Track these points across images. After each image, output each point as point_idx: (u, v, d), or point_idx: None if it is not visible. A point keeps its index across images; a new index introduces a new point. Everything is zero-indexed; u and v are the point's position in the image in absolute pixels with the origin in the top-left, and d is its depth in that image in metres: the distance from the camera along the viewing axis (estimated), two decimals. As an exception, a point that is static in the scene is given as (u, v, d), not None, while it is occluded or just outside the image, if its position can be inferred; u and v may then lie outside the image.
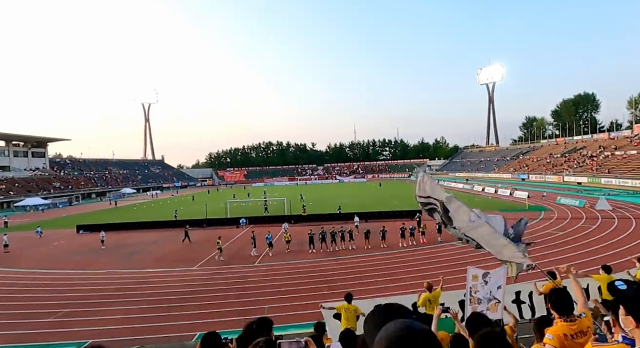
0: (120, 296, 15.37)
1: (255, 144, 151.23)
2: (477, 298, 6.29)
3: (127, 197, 76.01)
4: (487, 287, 6.33)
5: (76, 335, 11.84)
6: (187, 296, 15.07)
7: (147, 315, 13.13)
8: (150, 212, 47.59)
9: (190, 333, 11.31)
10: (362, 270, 17.57)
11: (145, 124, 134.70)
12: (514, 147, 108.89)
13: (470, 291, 6.38)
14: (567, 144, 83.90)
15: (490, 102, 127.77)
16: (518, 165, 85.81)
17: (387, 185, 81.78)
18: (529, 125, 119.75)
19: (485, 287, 6.30)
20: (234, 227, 31.58)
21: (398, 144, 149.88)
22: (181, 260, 21.18)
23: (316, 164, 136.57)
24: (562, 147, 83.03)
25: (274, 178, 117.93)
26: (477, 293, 6.30)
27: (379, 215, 32.10)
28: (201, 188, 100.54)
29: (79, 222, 35.52)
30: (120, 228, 33.33)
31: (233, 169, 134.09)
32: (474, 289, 6.34)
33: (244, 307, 13.35)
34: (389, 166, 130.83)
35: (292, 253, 21.48)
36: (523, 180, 71.56)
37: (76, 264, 21.37)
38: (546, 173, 70.13)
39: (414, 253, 20.44)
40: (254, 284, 16.31)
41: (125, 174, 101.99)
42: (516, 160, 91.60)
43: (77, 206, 64.19)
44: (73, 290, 16.63)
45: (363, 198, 52.04)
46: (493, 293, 6.33)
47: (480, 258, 18.47)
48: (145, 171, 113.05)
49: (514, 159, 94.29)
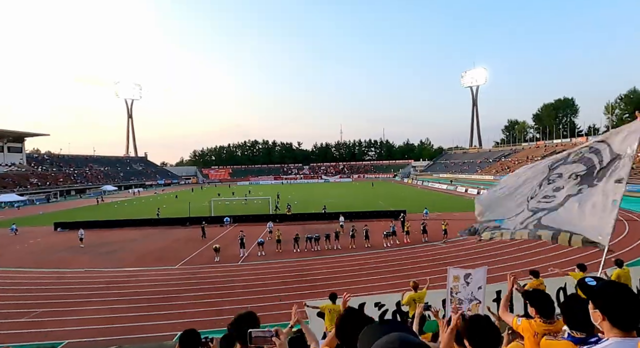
0: (99, 295, 14.97)
1: (240, 142, 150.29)
2: (458, 299, 6.32)
3: (108, 195, 74.35)
4: (468, 287, 6.36)
5: (51, 335, 11.46)
6: (168, 295, 14.78)
7: (126, 315, 12.82)
8: (131, 210, 46.60)
9: (170, 333, 11.08)
10: (347, 270, 17.59)
11: (128, 120, 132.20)
12: (497, 150, 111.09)
13: (451, 292, 6.41)
14: (547, 147, 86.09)
15: (474, 105, 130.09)
16: (500, 167, 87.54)
17: (375, 185, 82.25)
18: (511, 128, 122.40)
19: (467, 288, 6.33)
20: (217, 226, 31.20)
21: (384, 144, 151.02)
22: (163, 259, 20.78)
23: (302, 164, 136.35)
24: (543, 150, 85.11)
25: (259, 177, 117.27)
26: (458, 294, 6.33)
27: (364, 215, 32.21)
28: (185, 187, 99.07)
29: (56, 220, 34.51)
30: (100, 226, 32.51)
31: (218, 167, 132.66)
32: (454, 290, 6.37)
33: (226, 307, 13.17)
34: (374, 166, 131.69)
35: (276, 253, 21.32)
36: (505, 182, 72.93)
37: (53, 263, 20.70)
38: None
39: (398, 252, 20.57)
40: (236, 283, 16.12)
41: (107, 171, 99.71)
42: (498, 162, 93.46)
43: (55, 203, 62.38)
44: (49, 289, 16.10)
45: (349, 198, 52.21)
46: (474, 294, 6.37)
47: (462, 258, 18.77)
48: (127, 168, 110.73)
49: (496, 161, 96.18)
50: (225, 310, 12.75)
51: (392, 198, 51.12)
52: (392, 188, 71.42)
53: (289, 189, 76.67)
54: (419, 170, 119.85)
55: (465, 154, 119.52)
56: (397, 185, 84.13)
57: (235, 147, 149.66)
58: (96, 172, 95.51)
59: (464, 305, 6.29)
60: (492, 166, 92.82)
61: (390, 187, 77.13)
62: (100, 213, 42.72)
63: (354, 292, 12.85)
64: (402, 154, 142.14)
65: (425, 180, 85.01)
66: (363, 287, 14.44)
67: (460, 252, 20.03)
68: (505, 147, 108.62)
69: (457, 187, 62.18)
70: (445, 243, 22.15)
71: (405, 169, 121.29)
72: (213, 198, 45.09)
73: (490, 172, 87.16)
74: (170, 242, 25.81)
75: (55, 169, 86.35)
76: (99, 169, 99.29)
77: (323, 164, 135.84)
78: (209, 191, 75.82)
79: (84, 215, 40.89)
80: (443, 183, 71.45)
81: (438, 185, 69.75)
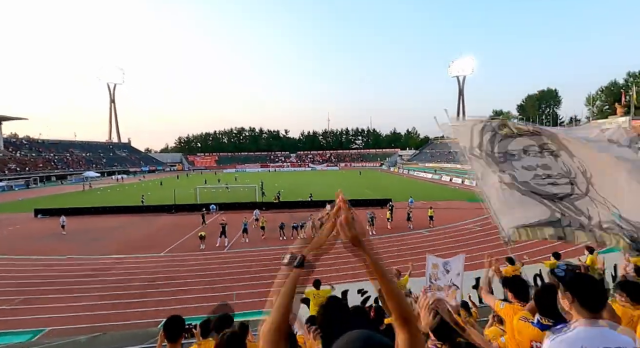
0: (83, 282, 14.83)
1: (227, 129, 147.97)
2: (437, 285, 6.50)
3: (90, 181, 72.79)
4: (448, 275, 6.54)
5: (33, 322, 11.35)
6: (153, 282, 14.75)
7: (110, 302, 12.77)
8: (115, 196, 45.83)
9: (155, 320, 11.11)
10: (331, 257, 17.80)
11: (111, 105, 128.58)
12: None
13: (430, 278, 6.58)
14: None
15: (460, 94, 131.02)
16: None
17: (362, 174, 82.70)
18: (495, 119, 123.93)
19: (446, 275, 6.50)
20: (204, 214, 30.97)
21: (371, 133, 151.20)
22: (148, 247, 20.63)
23: (289, 151, 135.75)
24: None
25: (246, 165, 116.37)
26: (437, 281, 6.51)
27: (351, 203, 32.28)
28: (170, 174, 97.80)
29: (37, 206, 33.73)
30: (82, 213, 31.91)
31: (204, 154, 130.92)
32: (434, 277, 6.54)
33: (212, 294, 13.24)
34: (361, 155, 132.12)
35: (262, 241, 21.41)
36: (488, 171, 74.10)
37: (34, 250, 20.32)
38: (510, 165, 72.96)
39: (383, 240, 20.89)
40: (222, 271, 16.18)
41: (89, 157, 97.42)
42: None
43: (35, 189, 60.84)
44: (30, 276, 15.85)
45: (336, 187, 52.43)
46: (453, 280, 6.55)
47: (446, 246, 19.20)
48: (110, 154, 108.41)
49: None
50: (213, 297, 12.83)
51: (378, 187, 51.60)
52: (379, 177, 71.99)
53: (275, 177, 76.49)
54: (406, 159, 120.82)
55: (451, 144, 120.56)
56: (383, 174, 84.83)
57: (222, 134, 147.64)
58: (78, 158, 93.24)
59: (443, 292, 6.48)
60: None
61: (377, 175, 77.71)
62: (82, 200, 41.88)
63: (338, 280, 13.09)
64: (389, 143, 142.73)
65: (411, 169, 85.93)
66: (346, 275, 14.68)
67: (445, 240, 20.47)
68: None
69: (442, 176, 63.10)
70: (429, 231, 22.60)
71: (392, 158, 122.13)
72: (198, 185, 44.68)
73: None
74: (155, 229, 25.59)
75: (34, 154, 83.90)
76: (81, 154, 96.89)
77: (310, 152, 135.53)
78: (194, 178, 75.04)
79: (65, 201, 40.05)
80: (429, 172, 72.36)
81: (424, 174, 70.63)
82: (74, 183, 69.80)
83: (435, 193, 42.78)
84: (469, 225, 23.84)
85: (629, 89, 73.60)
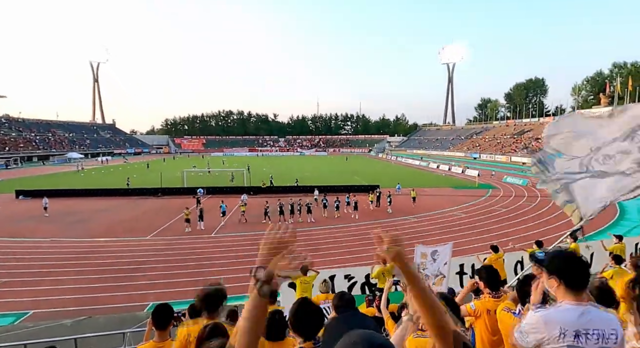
0: (67, 265, 14.66)
1: (214, 112, 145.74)
2: (425, 274, 6.60)
3: (73, 162, 71.21)
4: (435, 264, 6.63)
5: (16, 305, 11.23)
6: (139, 266, 14.68)
7: (96, 285, 12.68)
8: (100, 179, 45.00)
9: (141, 304, 11.11)
10: (318, 242, 17.96)
11: (94, 84, 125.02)
12: (469, 127, 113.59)
13: (419, 268, 6.68)
14: (517, 126, 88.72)
15: (450, 82, 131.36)
16: (471, 145, 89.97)
17: (350, 160, 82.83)
18: (483, 107, 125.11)
19: (434, 264, 6.60)
20: (190, 197, 30.74)
21: (360, 119, 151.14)
22: (133, 230, 20.44)
23: (278, 136, 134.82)
24: (512, 129, 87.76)
25: (233, 149, 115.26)
26: (425, 270, 6.60)
27: (339, 189, 32.54)
28: (156, 156, 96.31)
29: (18, 187, 32.94)
30: (66, 195, 31.30)
31: (191, 137, 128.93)
32: (422, 266, 6.63)
33: (199, 278, 13.25)
34: (350, 141, 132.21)
35: (249, 225, 21.41)
36: (475, 159, 75.31)
37: (16, 232, 19.93)
38: (496, 153, 74.20)
39: (369, 226, 21.09)
40: (209, 255, 16.19)
41: (72, 138, 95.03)
42: (470, 140, 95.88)
43: (15, 169, 59.29)
44: (13, 259, 15.60)
45: (324, 172, 52.50)
46: (440, 269, 6.66)
47: (431, 232, 19.53)
48: (94, 135, 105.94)
49: (468, 138, 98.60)
50: (200, 281, 12.83)
51: (366, 173, 51.84)
52: (367, 163, 72.27)
53: (264, 162, 76.10)
54: (394, 145, 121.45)
55: (438, 131, 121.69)
56: (371, 159, 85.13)
57: (209, 117, 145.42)
58: (60, 138, 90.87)
59: (430, 280, 6.59)
60: (463, 143, 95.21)
61: (365, 161, 77.98)
62: (66, 181, 41.03)
63: (324, 265, 13.23)
64: (377, 129, 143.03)
65: (399, 155, 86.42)
66: (333, 260, 14.86)
67: (431, 226, 20.81)
68: (477, 125, 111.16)
69: (430, 163, 63.72)
70: (417, 217, 22.93)
71: (381, 144, 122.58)
72: (185, 169, 44.16)
73: (461, 149, 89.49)
74: (141, 212, 25.32)
75: (14, 133, 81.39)
76: (63, 134, 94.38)
77: (299, 137, 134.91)
78: (181, 161, 74.15)
79: (48, 182, 39.14)
80: (416, 159, 72.94)
81: (411, 161, 71.13)
82: (56, 165, 68.12)
83: (423, 180, 43.24)
84: (455, 212, 24.28)
85: (614, 79, 74.78)
